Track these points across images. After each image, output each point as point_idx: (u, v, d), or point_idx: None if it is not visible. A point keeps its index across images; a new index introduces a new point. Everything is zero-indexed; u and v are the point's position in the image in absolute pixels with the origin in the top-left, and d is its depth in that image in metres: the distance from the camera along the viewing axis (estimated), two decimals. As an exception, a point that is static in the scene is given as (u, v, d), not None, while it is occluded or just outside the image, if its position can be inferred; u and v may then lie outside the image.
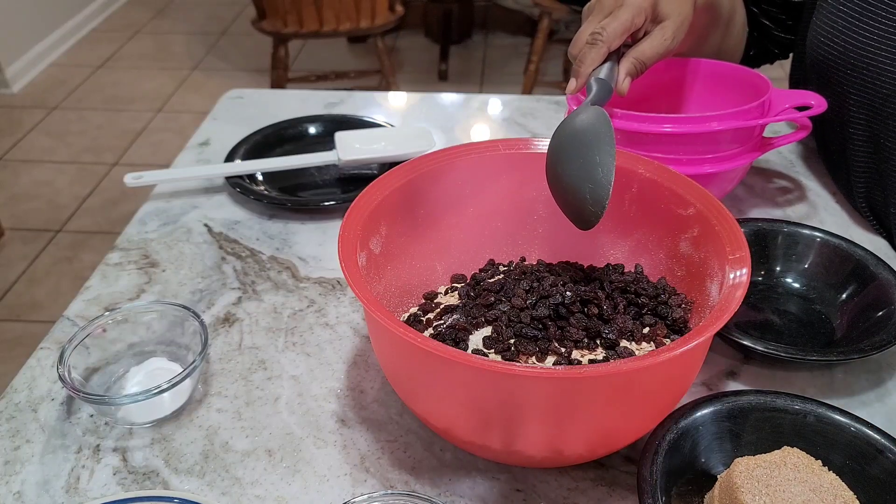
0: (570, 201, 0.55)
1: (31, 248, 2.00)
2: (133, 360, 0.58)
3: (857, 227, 0.74)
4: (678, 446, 0.48)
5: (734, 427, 0.50)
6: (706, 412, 0.50)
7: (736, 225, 0.50)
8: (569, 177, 0.54)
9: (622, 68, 0.61)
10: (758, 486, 0.45)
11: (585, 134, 0.53)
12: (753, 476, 0.45)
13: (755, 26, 0.83)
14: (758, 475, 0.45)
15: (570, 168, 0.54)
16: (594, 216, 0.53)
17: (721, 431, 0.50)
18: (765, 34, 0.84)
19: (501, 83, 2.84)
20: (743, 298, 0.44)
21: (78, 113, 2.64)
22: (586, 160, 0.52)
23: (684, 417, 0.49)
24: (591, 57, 0.60)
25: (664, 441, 0.48)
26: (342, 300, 0.66)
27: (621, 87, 0.61)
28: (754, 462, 0.46)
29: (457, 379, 0.44)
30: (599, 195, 0.51)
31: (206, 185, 0.82)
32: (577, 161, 0.53)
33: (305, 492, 0.50)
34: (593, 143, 0.52)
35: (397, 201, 0.56)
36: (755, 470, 0.45)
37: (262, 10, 2.14)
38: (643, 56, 0.62)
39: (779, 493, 0.44)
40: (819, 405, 0.50)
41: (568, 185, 0.54)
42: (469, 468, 0.51)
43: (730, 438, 0.50)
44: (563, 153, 0.54)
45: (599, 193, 0.51)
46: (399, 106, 1.00)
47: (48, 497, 0.50)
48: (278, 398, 0.57)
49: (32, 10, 2.87)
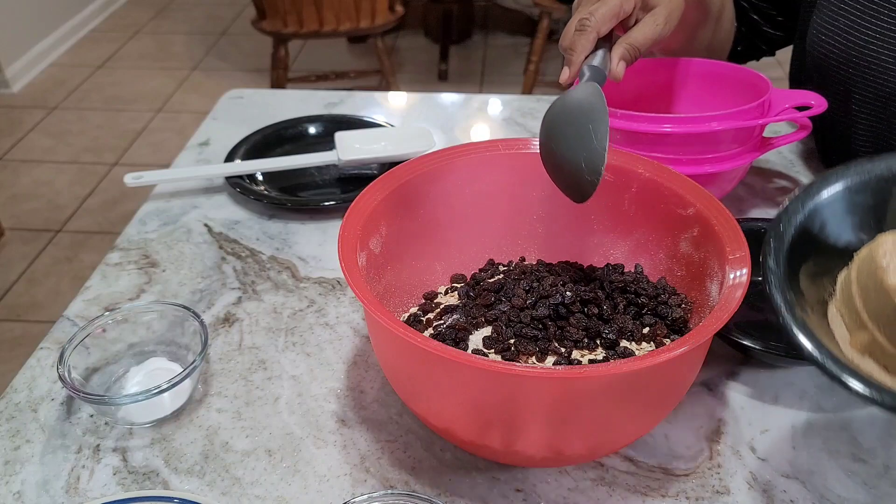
0: (566, 173, 0.55)
1: (31, 248, 2.00)
2: (133, 360, 0.58)
3: (857, 227, 0.74)
4: (805, 230, 0.42)
5: (872, 201, 0.42)
6: (836, 187, 0.43)
7: (736, 225, 0.50)
8: (563, 148, 0.54)
9: (615, 54, 0.61)
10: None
11: (580, 106, 0.54)
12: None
13: (744, 22, 0.83)
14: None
15: (565, 139, 0.54)
16: (591, 185, 0.52)
17: (855, 206, 0.42)
18: (753, 30, 0.84)
19: (501, 83, 2.84)
20: (743, 298, 0.44)
21: (78, 113, 2.64)
22: (580, 130, 0.52)
23: (810, 197, 0.42)
24: (581, 44, 0.59)
25: (790, 226, 0.42)
26: (342, 300, 0.66)
27: (615, 71, 0.60)
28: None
29: (457, 379, 0.44)
30: (595, 163, 0.51)
31: (206, 185, 0.82)
32: (571, 132, 0.53)
33: (305, 492, 0.50)
34: (587, 113, 0.53)
35: (397, 201, 0.56)
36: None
37: (262, 10, 2.14)
38: (635, 42, 0.61)
39: None
40: None
41: (563, 156, 0.54)
42: (469, 468, 0.51)
43: (869, 213, 0.43)
44: (557, 126, 0.55)
45: (595, 161, 0.51)
46: (399, 106, 1.00)
47: (48, 497, 0.50)
48: (278, 398, 0.57)
49: (32, 10, 2.87)
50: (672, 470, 0.51)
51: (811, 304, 0.43)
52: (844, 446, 0.53)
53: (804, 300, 0.42)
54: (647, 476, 0.51)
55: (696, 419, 0.55)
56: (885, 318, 0.39)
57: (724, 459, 0.52)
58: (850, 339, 0.42)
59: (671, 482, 0.50)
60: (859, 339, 0.41)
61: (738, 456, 0.52)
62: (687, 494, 0.50)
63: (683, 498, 0.49)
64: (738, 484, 0.50)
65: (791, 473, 0.51)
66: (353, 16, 2.13)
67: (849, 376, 0.37)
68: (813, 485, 0.50)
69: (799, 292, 0.42)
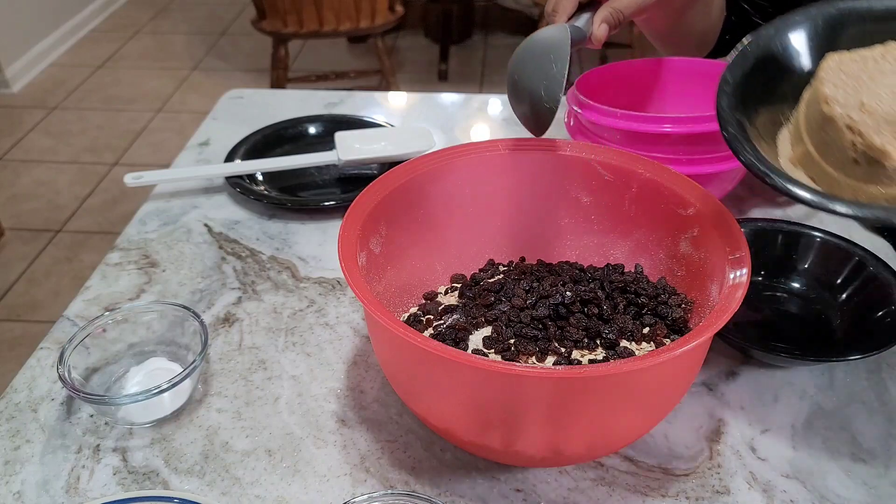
0: (527, 104, 0.58)
1: (31, 248, 2.00)
2: (133, 360, 0.58)
3: (857, 227, 0.74)
4: (759, 68, 0.45)
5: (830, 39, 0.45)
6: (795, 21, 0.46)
7: (736, 225, 0.50)
8: (526, 79, 0.57)
9: (598, 16, 0.62)
10: (844, 79, 0.40)
11: (544, 41, 0.57)
12: (843, 69, 0.40)
13: (734, 10, 0.83)
14: (848, 68, 0.40)
15: (527, 71, 0.57)
16: (549, 113, 0.56)
17: (813, 37, 0.45)
18: (743, 19, 0.83)
19: (501, 83, 2.83)
20: (743, 298, 0.44)
21: (78, 113, 2.64)
22: (542, 62, 0.56)
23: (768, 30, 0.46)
24: (564, 5, 0.61)
25: (748, 56, 0.45)
26: (342, 300, 0.66)
27: (597, 32, 0.61)
28: (849, 56, 0.41)
29: (457, 379, 0.44)
30: (553, 90, 0.55)
31: (206, 185, 0.82)
32: (534, 64, 0.57)
33: (305, 492, 0.50)
34: (550, 48, 0.56)
35: (397, 201, 0.56)
36: (847, 64, 0.40)
37: (262, 10, 2.14)
38: (619, 5, 0.62)
39: (866, 86, 0.40)
40: None
41: (525, 86, 0.57)
42: (469, 468, 0.51)
43: (824, 45, 0.45)
44: (522, 60, 0.58)
45: (553, 89, 0.55)
46: (399, 106, 1.00)
47: (48, 497, 0.50)
48: (278, 398, 0.57)
49: (32, 10, 2.87)
50: (672, 470, 0.51)
51: (765, 127, 0.46)
52: (844, 446, 0.53)
53: (758, 122, 0.46)
54: (647, 476, 0.51)
55: (696, 419, 0.55)
56: (815, 126, 0.42)
57: (724, 459, 0.52)
58: (791, 155, 0.45)
59: (671, 482, 0.50)
60: (797, 152, 0.45)
61: (738, 456, 0.52)
62: (687, 494, 0.50)
63: (683, 498, 0.49)
64: (738, 484, 0.50)
65: (791, 473, 0.51)
66: (353, 16, 2.13)
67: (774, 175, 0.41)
68: (813, 485, 0.50)
69: (754, 115, 0.46)
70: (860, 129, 0.40)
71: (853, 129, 0.41)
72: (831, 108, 0.41)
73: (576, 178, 0.60)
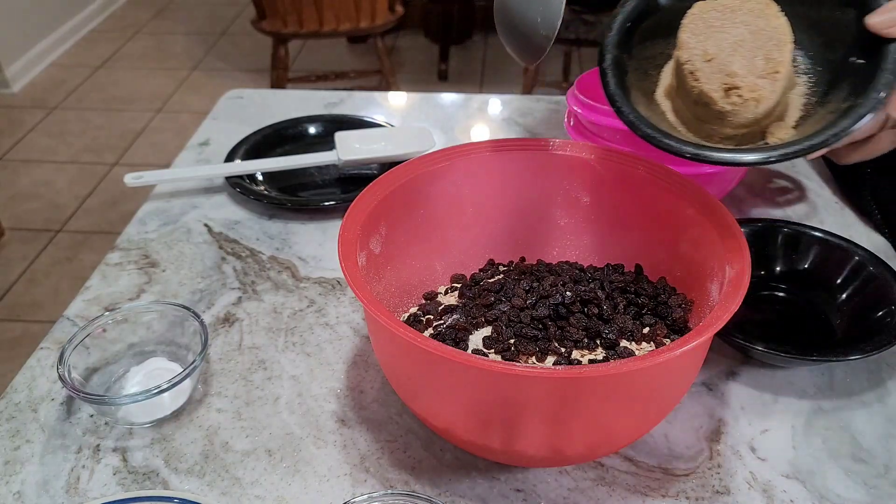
0: (519, 31, 0.54)
1: (31, 248, 2.00)
2: (133, 360, 0.58)
3: (857, 227, 0.74)
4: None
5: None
6: None
7: (736, 225, 0.50)
8: (518, 3, 0.53)
9: None
10: (701, 27, 0.46)
11: None
12: (703, 18, 0.46)
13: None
14: (708, 16, 0.46)
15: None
16: (545, 41, 0.52)
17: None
18: None
19: (501, 83, 2.83)
20: (743, 298, 0.44)
21: (78, 113, 2.64)
22: None
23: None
24: None
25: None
26: (342, 300, 0.66)
27: None
28: (710, 5, 0.46)
29: (457, 379, 0.44)
30: (551, 20, 0.50)
31: (206, 185, 0.82)
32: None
33: (305, 492, 0.50)
34: None
35: (397, 201, 0.56)
36: (708, 12, 0.46)
37: (262, 11, 2.14)
38: None
39: (717, 33, 0.45)
40: None
41: (517, 12, 0.53)
42: (469, 468, 0.51)
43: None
44: None
45: (551, 19, 0.51)
46: (399, 106, 1.00)
47: (48, 497, 0.50)
48: (278, 398, 0.57)
49: (32, 10, 2.87)
50: (672, 470, 0.51)
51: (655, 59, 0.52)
52: (844, 446, 0.53)
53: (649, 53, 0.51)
54: (647, 476, 0.51)
55: (696, 419, 0.55)
56: (675, 65, 0.48)
57: (724, 459, 0.52)
58: (667, 86, 0.51)
59: (671, 482, 0.50)
60: (669, 85, 0.50)
61: (738, 456, 0.52)
62: (687, 494, 0.50)
63: (683, 498, 0.49)
64: (738, 484, 0.50)
65: (791, 473, 0.51)
66: (353, 16, 2.13)
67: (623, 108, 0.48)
68: (813, 485, 0.50)
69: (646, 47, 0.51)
70: (697, 76, 0.46)
71: (694, 75, 0.46)
72: (680, 54, 0.47)
73: (576, 178, 0.60)
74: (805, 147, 0.44)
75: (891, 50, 0.45)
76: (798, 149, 0.44)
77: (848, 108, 0.44)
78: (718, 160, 0.45)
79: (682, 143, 0.46)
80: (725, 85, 0.45)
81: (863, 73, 0.45)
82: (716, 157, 0.45)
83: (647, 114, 0.49)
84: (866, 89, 0.44)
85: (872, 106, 0.43)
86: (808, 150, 0.44)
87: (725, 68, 0.45)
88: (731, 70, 0.45)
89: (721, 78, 0.45)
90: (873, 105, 0.44)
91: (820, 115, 0.47)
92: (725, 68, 0.45)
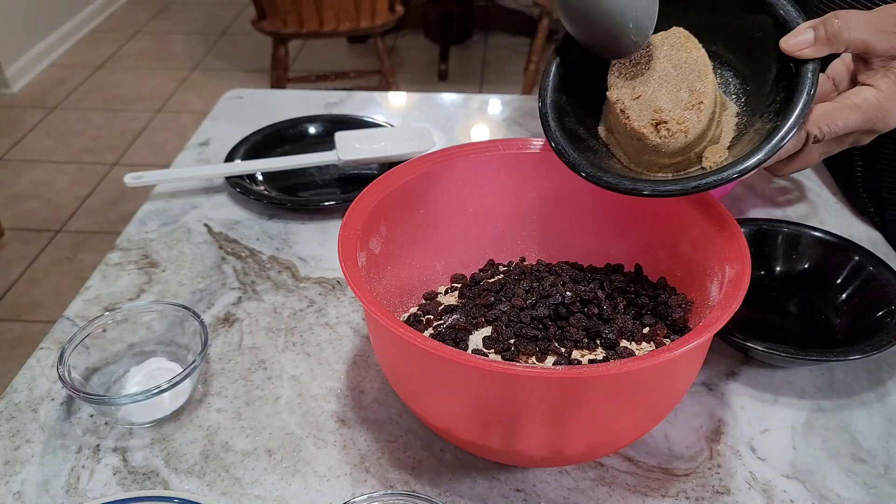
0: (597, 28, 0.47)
1: (31, 248, 2.00)
2: (133, 360, 0.58)
3: (857, 228, 0.74)
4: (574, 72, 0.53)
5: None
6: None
7: (736, 225, 0.50)
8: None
9: None
10: (627, 66, 0.49)
11: None
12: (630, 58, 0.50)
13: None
14: (633, 56, 0.50)
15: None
16: (633, 46, 0.48)
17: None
18: None
19: (501, 83, 2.83)
20: (743, 298, 0.44)
21: (78, 113, 2.64)
22: None
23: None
24: None
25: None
26: (342, 300, 0.66)
27: None
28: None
29: (457, 379, 0.44)
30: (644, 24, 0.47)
31: (206, 185, 0.82)
32: None
33: (305, 492, 0.50)
34: None
35: (397, 201, 0.56)
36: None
37: (262, 10, 2.14)
38: None
39: (643, 71, 0.49)
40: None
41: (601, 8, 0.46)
42: (469, 468, 0.51)
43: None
44: None
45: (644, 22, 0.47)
46: (399, 106, 1.00)
47: (48, 497, 0.50)
48: (278, 398, 0.57)
49: (32, 10, 2.87)
50: (672, 470, 0.51)
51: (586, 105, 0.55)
52: (844, 446, 0.53)
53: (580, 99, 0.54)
54: (647, 476, 0.51)
55: (696, 419, 0.55)
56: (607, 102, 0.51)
57: (724, 459, 0.52)
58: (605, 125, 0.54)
59: (671, 482, 0.50)
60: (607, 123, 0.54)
61: (738, 456, 0.52)
62: (687, 494, 0.50)
63: (683, 498, 0.49)
64: (738, 484, 0.50)
65: (791, 473, 0.51)
66: (353, 16, 2.13)
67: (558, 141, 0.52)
68: (813, 485, 0.50)
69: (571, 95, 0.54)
70: (628, 114, 0.49)
71: (624, 113, 0.49)
72: (610, 94, 0.50)
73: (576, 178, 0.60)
74: (724, 177, 0.46)
75: (806, 71, 0.47)
76: (717, 179, 0.46)
77: (772, 130, 0.46)
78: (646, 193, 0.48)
79: (620, 179, 0.49)
80: (654, 120, 0.48)
81: (787, 91, 0.48)
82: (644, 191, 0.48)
83: (596, 148, 0.53)
84: (787, 111, 0.46)
85: (791, 129, 0.46)
86: (727, 180, 0.46)
87: (653, 104, 0.48)
88: (658, 106, 0.48)
89: (649, 114, 0.48)
90: (792, 128, 0.46)
91: (749, 135, 0.49)
92: (653, 104, 0.48)
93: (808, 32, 0.48)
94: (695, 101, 0.47)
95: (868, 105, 0.49)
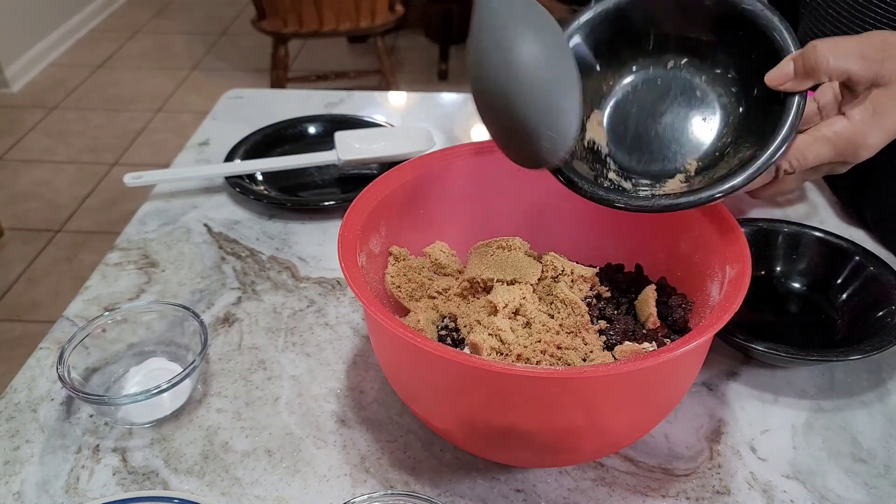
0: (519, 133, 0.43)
1: (30, 248, 2.00)
2: (133, 360, 0.58)
3: (857, 227, 0.74)
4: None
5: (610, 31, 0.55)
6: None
7: (736, 225, 0.50)
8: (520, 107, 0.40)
9: None
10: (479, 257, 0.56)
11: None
12: (477, 251, 0.57)
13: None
14: (480, 250, 0.57)
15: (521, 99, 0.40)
16: (550, 159, 0.46)
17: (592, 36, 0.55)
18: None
19: (501, 83, 2.83)
20: (743, 298, 0.44)
21: (78, 113, 2.64)
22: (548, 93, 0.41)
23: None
24: None
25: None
26: (342, 300, 0.66)
27: None
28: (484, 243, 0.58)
29: (456, 379, 0.44)
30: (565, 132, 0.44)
31: (205, 185, 0.82)
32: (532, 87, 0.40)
33: (305, 492, 0.50)
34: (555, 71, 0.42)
35: (397, 201, 0.56)
36: (481, 247, 0.58)
37: (262, 10, 2.14)
38: None
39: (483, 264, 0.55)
40: None
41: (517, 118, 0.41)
42: (469, 468, 0.51)
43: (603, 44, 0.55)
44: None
45: (564, 130, 0.44)
46: (399, 106, 1.00)
47: (48, 497, 0.50)
48: (278, 398, 0.57)
49: (32, 10, 2.87)
50: (672, 470, 0.51)
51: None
52: (844, 446, 0.53)
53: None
54: (647, 476, 0.51)
55: (696, 419, 0.55)
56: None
57: (724, 459, 0.52)
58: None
59: (671, 482, 0.50)
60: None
61: (738, 456, 0.52)
62: (687, 494, 0.50)
63: (683, 498, 0.49)
64: (738, 484, 0.50)
65: (791, 473, 0.51)
66: (353, 15, 2.13)
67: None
68: (813, 485, 0.50)
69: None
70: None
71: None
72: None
73: (576, 178, 0.60)
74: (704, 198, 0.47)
75: (791, 103, 0.47)
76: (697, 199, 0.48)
77: (750, 158, 0.47)
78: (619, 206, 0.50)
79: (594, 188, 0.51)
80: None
81: (773, 119, 0.48)
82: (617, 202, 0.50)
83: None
84: (766, 142, 0.47)
85: (766, 162, 0.47)
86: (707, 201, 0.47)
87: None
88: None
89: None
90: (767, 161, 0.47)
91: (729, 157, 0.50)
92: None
93: (789, 65, 0.48)
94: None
95: (839, 139, 0.49)
